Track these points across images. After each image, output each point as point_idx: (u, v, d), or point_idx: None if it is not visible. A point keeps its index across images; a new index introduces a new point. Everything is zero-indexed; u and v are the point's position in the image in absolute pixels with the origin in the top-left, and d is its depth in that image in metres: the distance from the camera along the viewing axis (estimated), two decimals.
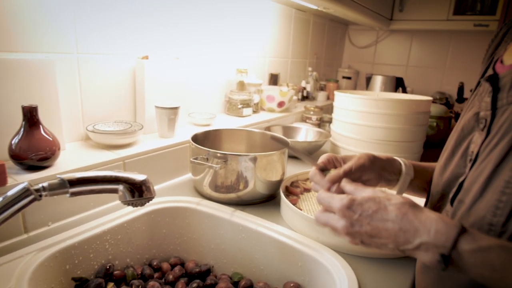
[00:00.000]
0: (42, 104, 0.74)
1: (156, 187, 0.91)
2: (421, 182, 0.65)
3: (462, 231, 0.39)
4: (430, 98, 1.26)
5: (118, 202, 0.55)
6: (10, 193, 0.45)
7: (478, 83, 0.54)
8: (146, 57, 0.98)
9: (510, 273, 0.37)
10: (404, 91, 2.04)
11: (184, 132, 1.06)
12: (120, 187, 0.53)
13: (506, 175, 0.42)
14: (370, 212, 0.44)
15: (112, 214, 0.73)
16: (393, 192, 0.54)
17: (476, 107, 0.51)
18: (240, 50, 1.45)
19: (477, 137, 0.49)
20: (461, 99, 1.97)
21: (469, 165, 0.49)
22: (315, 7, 1.52)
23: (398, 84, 2.01)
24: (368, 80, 2.09)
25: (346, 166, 0.58)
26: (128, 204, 0.54)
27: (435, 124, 1.53)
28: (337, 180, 0.55)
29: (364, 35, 2.42)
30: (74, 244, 0.63)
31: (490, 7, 1.77)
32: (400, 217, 0.42)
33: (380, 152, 1.18)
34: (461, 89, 1.96)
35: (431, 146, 1.52)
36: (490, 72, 0.52)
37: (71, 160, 0.76)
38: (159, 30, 1.05)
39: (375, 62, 2.42)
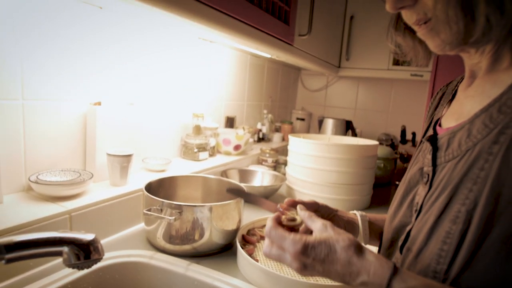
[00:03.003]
0: None
1: (106, 240, 0.86)
2: (374, 234, 0.72)
3: (394, 272, 0.44)
4: (376, 142, 1.35)
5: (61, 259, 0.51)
6: None
7: (421, 141, 0.60)
8: (99, 103, 0.96)
9: None
10: (354, 133, 2.16)
11: (137, 178, 1.03)
12: (65, 249, 0.49)
13: (446, 226, 0.46)
14: (322, 256, 0.48)
15: (54, 274, 0.67)
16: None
17: (421, 162, 0.57)
18: (197, 94, 1.47)
19: (421, 190, 0.54)
20: (404, 140, 2.13)
21: (414, 215, 0.54)
22: (268, 56, 1.60)
23: (348, 127, 2.13)
24: (320, 123, 2.20)
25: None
26: (73, 267, 0.50)
27: (382, 165, 1.63)
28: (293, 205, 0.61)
29: (316, 79, 2.58)
30: None
31: None
32: (347, 260, 0.47)
33: (333, 195, 1.22)
34: (403, 132, 2.12)
35: (380, 186, 1.60)
36: (430, 132, 0.58)
37: (9, 215, 0.70)
38: (113, 75, 1.04)
39: (326, 105, 2.56)
